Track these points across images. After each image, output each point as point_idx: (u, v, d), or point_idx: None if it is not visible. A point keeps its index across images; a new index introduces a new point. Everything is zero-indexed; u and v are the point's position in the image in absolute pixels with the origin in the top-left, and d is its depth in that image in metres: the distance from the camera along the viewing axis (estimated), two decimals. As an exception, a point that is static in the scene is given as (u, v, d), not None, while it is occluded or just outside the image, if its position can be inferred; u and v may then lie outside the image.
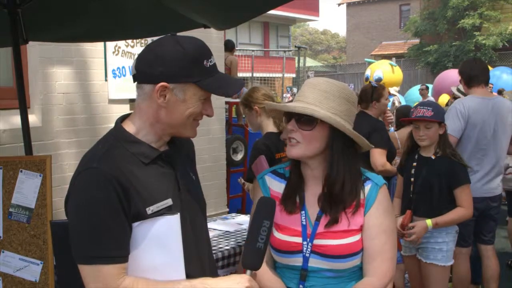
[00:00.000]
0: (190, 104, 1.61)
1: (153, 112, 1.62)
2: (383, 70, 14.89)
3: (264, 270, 1.92)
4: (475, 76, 4.19)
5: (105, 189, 1.51)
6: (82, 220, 1.53)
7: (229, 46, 9.00)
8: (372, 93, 4.36)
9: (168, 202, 1.61)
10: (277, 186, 2.00)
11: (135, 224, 1.56)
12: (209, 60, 1.62)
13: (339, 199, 1.86)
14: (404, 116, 5.27)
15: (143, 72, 1.61)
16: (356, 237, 1.85)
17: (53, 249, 2.40)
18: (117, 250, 1.53)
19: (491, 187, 4.04)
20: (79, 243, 1.54)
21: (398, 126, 5.66)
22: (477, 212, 3.87)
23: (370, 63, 16.74)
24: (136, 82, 1.64)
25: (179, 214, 1.62)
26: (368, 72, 15.38)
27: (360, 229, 1.86)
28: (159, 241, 1.58)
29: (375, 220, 1.87)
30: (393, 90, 12.08)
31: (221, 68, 6.13)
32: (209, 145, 6.10)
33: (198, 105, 1.63)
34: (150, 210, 1.57)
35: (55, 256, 2.39)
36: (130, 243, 1.56)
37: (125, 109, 5.16)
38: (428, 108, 3.34)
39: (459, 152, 3.61)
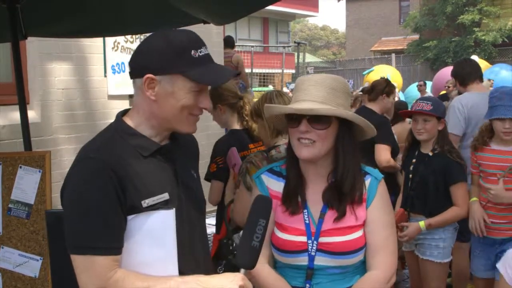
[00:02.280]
0: (180, 97, 1.57)
1: (147, 106, 1.61)
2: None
3: (268, 271, 1.92)
4: (467, 74, 4.29)
5: (102, 179, 1.49)
6: (77, 209, 1.51)
7: (231, 42, 8.51)
8: (386, 86, 4.39)
9: (165, 196, 1.59)
10: (275, 185, 1.97)
11: (129, 217, 1.54)
12: (199, 50, 1.58)
13: (346, 193, 1.85)
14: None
15: (132, 67, 1.62)
16: (360, 232, 1.86)
17: (48, 239, 2.37)
18: (111, 242, 1.51)
19: (490, 182, 4.03)
20: (72, 233, 1.51)
21: (393, 122, 5.67)
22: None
23: (369, 72, 16.52)
24: (132, 79, 1.65)
25: (174, 209, 1.60)
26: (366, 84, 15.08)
27: (363, 224, 1.87)
28: (153, 235, 1.56)
29: (377, 214, 1.87)
30: (394, 86, 12.03)
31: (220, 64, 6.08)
32: (208, 141, 6.07)
33: (189, 98, 1.58)
34: (145, 203, 1.55)
35: (50, 247, 2.35)
36: (124, 236, 1.54)
37: (124, 104, 5.15)
38: (428, 102, 3.34)
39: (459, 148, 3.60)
